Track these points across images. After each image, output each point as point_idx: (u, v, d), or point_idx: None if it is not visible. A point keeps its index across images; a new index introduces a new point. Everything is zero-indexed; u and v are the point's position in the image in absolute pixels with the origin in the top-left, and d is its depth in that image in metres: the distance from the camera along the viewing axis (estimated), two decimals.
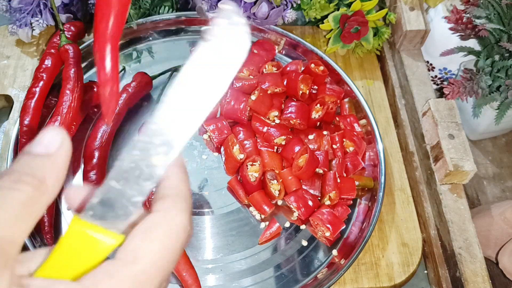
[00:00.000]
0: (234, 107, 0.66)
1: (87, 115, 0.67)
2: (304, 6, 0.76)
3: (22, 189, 0.22)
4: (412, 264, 0.61)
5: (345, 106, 0.71)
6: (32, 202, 0.22)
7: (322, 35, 0.81)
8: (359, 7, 0.73)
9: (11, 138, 0.63)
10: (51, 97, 0.67)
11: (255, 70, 0.70)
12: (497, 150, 0.78)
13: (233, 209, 0.63)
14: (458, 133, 0.64)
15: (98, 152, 0.62)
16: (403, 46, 0.75)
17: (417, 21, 0.73)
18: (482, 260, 0.58)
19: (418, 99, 0.70)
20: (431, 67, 0.80)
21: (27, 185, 0.22)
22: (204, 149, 0.67)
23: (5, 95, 0.72)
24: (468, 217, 0.61)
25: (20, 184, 0.22)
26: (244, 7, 0.72)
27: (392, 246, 0.62)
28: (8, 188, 0.22)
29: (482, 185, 0.74)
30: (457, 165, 0.61)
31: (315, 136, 0.65)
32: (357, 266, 0.61)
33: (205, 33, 0.23)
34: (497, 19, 0.67)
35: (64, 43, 0.64)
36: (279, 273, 0.59)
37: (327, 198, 0.61)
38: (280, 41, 0.77)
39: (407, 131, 0.72)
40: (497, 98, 0.66)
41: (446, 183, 0.64)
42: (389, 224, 0.64)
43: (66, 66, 0.64)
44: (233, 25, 0.23)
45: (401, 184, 0.67)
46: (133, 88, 0.68)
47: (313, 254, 0.60)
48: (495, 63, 0.66)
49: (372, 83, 0.77)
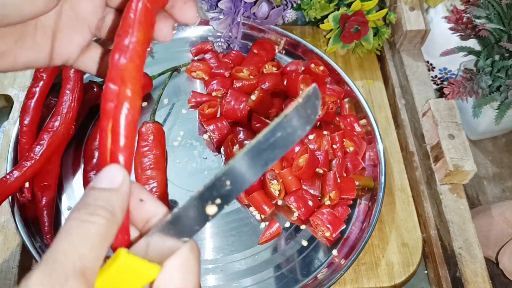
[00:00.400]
0: (234, 107, 0.66)
1: (87, 115, 0.67)
2: (304, 6, 0.76)
3: (97, 222, 0.25)
4: (412, 264, 0.61)
5: (345, 106, 0.71)
6: (105, 232, 0.25)
7: (322, 35, 0.81)
8: (359, 7, 0.72)
9: (11, 138, 0.63)
10: (51, 97, 0.67)
11: (255, 70, 0.70)
12: (497, 150, 0.78)
13: (233, 209, 0.63)
14: (458, 133, 0.64)
15: (98, 152, 0.62)
16: (403, 46, 0.75)
17: (417, 21, 0.73)
18: (482, 260, 0.58)
19: (418, 99, 0.70)
20: (431, 67, 0.80)
21: (101, 218, 0.25)
22: (204, 149, 0.67)
23: (5, 95, 0.72)
24: (468, 217, 0.61)
25: (95, 217, 0.25)
26: (244, 7, 0.72)
27: (392, 246, 0.62)
28: (85, 221, 0.24)
29: (482, 185, 0.74)
30: (457, 165, 0.61)
31: (315, 136, 0.65)
32: (357, 266, 0.61)
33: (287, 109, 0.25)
34: (497, 19, 0.67)
35: None
36: (279, 273, 0.59)
37: (327, 198, 0.61)
38: (280, 41, 0.76)
39: (407, 131, 0.72)
40: (497, 98, 0.66)
41: (446, 183, 0.64)
42: (389, 224, 0.64)
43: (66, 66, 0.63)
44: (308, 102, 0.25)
45: (401, 184, 0.67)
46: None
47: (313, 254, 0.60)
48: (495, 63, 0.66)
49: (372, 83, 0.77)
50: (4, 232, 0.60)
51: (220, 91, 0.69)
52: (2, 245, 0.59)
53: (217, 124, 0.65)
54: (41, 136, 0.58)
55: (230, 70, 0.71)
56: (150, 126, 0.64)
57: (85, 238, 0.24)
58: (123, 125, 0.28)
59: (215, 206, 0.26)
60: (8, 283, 0.57)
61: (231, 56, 0.73)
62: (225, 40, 0.75)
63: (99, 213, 0.25)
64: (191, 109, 0.70)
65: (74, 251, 0.23)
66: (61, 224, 0.60)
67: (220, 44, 0.75)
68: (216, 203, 0.26)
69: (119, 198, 0.26)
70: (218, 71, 0.71)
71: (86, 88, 0.67)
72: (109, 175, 0.27)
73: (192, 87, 0.73)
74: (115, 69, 0.28)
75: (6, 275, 0.57)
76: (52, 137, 0.58)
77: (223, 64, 0.72)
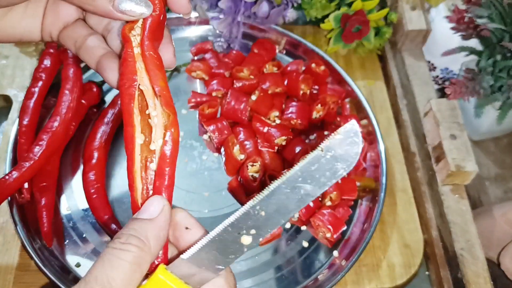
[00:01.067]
0: (235, 107, 0.65)
1: (86, 115, 0.67)
2: (305, 6, 0.75)
3: (129, 250, 0.26)
4: (414, 266, 0.61)
5: (346, 106, 0.70)
6: (138, 260, 0.26)
7: (323, 34, 0.81)
8: (360, 7, 0.72)
9: (10, 138, 0.63)
10: (50, 97, 0.67)
11: (255, 70, 0.70)
12: (499, 151, 0.77)
13: (234, 210, 0.62)
14: (460, 134, 0.64)
15: (97, 152, 0.62)
16: (404, 46, 0.75)
17: (419, 20, 0.73)
18: (484, 261, 0.58)
19: (420, 99, 0.70)
20: (433, 67, 0.79)
21: (133, 246, 0.27)
22: (204, 150, 0.67)
23: (4, 95, 0.71)
24: (470, 218, 0.61)
25: (127, 245, 0.27)
26: (244, 6, 0.72)
27: (393, 247, 0.62)
28: (118, 249, 0.26)
29: (484, 186, 0.74)
30: (459, 165, 0.61)
31: (316, 136, 0.65)
32: (358, 268, 0.60)
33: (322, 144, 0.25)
34: (499, 18, 0.66)
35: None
36: (280, 275, 0.58)
37: (328, 199, 0.61)
38: (281, 41, 0.76)
39: (409, 131, 0.72)
40: (499, 98, 0.66)
41: (448, 184, 0.63)
42: (390, 225, 0.64)
43: (65, 66, 0.63)
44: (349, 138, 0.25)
45: (403, 185, 0.67)
46: None
47: (314, 255, 0.60)
48: (497, 63, 0.66)
49: (374, 83, 0.77)
50: (3, 233, 0.60)
51: (220, 91, 0.69)
52: (1, 246, 0.59)
53: (217, 124, 0.65)
54: (40, 136, 0.58)
55: (230, 70, 0.71)
56: None
57: (116, 264, 0.26)
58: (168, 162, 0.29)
59: (250, 236, 0.26)
60: (7, 284, 0.57)
61: (231, 56, 0.73)
62: (225, 39, 0.74)
63: (131, 241, 0.27)
64: (191, 109, 0.70)
65: (104, 276, 0.25)
66: (60, 225, 0.60)
67: (220, 44, 0.74)
68: (251, 233, 0.26)
69: (154, 228, 0.28)
70: (218, 71, 0.71)
71: (85, 88, 0.67)
72: (148, 206, 0.29)
73: (192, 87, 0.72)
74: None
75: (5, 276, 0.57)
76: (51, 138, 0.58)
77: (223, 64, 0.71)
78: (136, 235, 0.27)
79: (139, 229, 0.28)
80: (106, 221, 0.58)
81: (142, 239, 0.27)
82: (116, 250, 0.26)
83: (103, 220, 0.59)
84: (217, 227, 0.27)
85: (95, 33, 0.34)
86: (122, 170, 0.65)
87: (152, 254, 0.27)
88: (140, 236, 0.27)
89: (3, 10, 0.33)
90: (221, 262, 0.27)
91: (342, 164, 0.25)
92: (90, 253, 0.58)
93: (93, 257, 0.58)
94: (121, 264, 0.26)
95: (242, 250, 0.27)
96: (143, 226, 0.28)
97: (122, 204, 0.62)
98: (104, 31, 0.34)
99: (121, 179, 0.64)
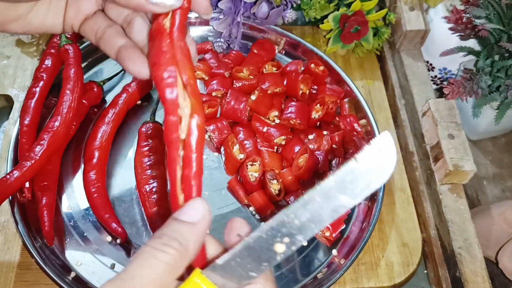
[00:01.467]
0: (234, 107, 0.66)
1: (87, 115, 0.67)
2: (304, 6, 0.76)
3: (168, 252, 0.26)
4: (412, 264, 0.61)
5: (345, 106, 0.71)
6: (174, 263, 0.26)
7: (322, 35, 0.81)
8: (359, 7, 0.73)
9: (11, 138, 0.63)
10: (51, 97, 0.67)
11: (255, 70, 0.70)
12: (497, 150, 0.78)
13: (233, 209, 0.63)
14: (458, 133, 0.64)
15: (98, 152, 0.62)
16: (403, 46, 0.75)
17: (417, 21, 0.73)
18: (482, 260, 0.58)
19: (418, 99, 0.70)
20: (431, 67, 0.80)
21: (172, 249, 0.26)
22: (204, 149, 0.67)
23: (5, 95, 0.72)
24: (468, 217, 0.61)
25: (167, 247, 0.26)
26: (244, 7, 0.72)
27: (392, 246, 0.62)
28: (158, 249, 0.26)
29: (482, 185, 0.74)
30: (457, 165, 0.61)
31: (315, 136, 0.65)
32: (357, 266, 0.61)
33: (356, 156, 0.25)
34: (497, 19, 0.67)
35: (64, 43, 0.64)
36: (279, 273, 0.59)
37: None
38: (280, 41, 0.77)
39: (407, 131, 0.72)
40: (497, 98, 0.66)
41: (446, 183, 0.64)
42: (389, 224, 0.64)
43: (66, 66, 0.64)
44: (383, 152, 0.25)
45: (401, 184, 0.67)
46: (133, 88, 0.68)
47: (313, 254, 0.60)
48: (495, 63, 0.66)
49: (372, 83, 0.77)
50: (4, 232, 0.60)
51: (220, 91, 0.69)
52: (2, 245, 0.59)
53: (217, 124, 0.65)
54: (41, 136, 0.58)
55: (230, 70, 0.71)
56: (150, 126, 0.64)
57: (153, 265, 0.26)
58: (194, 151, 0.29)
59: (284, 244, 0.26)
60: (8, 282, 0.57)
61: (231, 56, 0.73)
62: (225, 40, 0.75)
63: (172, 244, 0.26)
64: None
65: (141, 275, 0.25)
66: (60, 223, 0.60)
67: (220, 44, 0.75)
68: (284, 241, 0.26)
69: (195, 232, 0.28)
70: (218, 71, 0.71)
71: (86, 88, 0.67)
72: (190, 209, 0.28)
73: None
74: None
75: (7, 275, 0.57)
76: (52, 137, 0.58)
77: (223, 64, 0.72)
78: (177, 238, 0.27)
79: (180, 231, 0.27)
80: (106, 220, 0.59)
81: (183, 242, 0.27)
82: (156, 251, 0.26)
83: (104, 219, 0.59)
84: (252, 234, 0.27)
85: (114, 24, 0.35)
86: (123, 169, 0.65)
87: (189, 258, 0.27)
88: (181, 239, 0.27)
89: (29, 4, 0.34)
90: (254, 269, 0.27)
91: (376, 176, 0.25)
92: (90, 252, 0.59)
93: (93, 256, 0.58)
94: (158, 266, 0.26)
95: (275, 258, 0.27)
96: (185, 229, 0.27)
97: (122, 203, 0.62)
98: (123, 22, 0.35)
99: (122, 179, 0.64)
